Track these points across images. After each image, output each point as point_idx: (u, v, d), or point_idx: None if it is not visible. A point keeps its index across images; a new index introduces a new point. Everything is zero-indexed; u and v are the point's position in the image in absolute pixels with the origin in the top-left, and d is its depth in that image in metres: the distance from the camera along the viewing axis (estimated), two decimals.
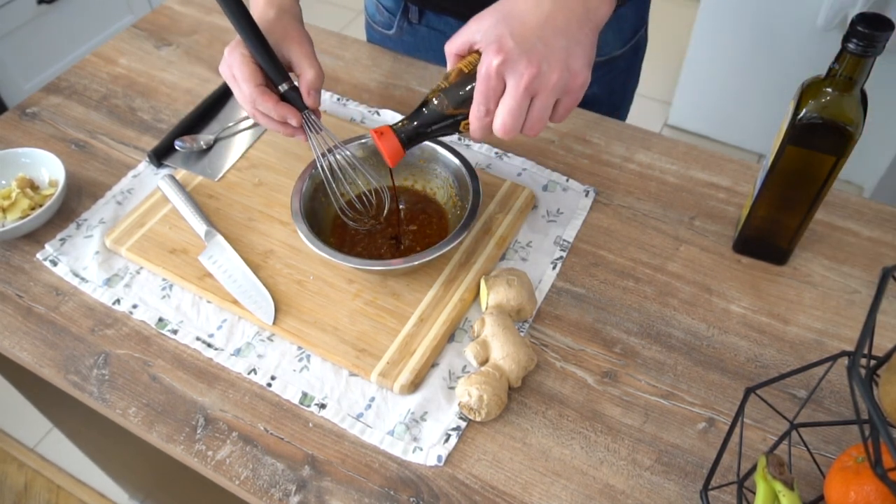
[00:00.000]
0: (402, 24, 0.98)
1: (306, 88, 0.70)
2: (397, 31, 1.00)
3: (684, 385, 0.65)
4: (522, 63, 0.54)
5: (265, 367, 0.67)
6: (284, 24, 0.71)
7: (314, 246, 0.67)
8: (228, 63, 0.69)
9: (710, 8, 1.94)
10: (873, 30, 0.55)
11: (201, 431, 0.64)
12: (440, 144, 0.75)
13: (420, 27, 0.98)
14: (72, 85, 0.97)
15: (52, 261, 0.76)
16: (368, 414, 0.64)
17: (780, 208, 0.69)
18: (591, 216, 0.79)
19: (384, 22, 1.01)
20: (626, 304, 0.71)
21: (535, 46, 0.54)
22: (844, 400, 0.64)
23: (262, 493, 0.60)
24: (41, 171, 0.82)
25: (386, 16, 1.00)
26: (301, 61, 0.70)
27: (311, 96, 0.70)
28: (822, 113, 0.60)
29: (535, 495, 0.59)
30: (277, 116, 0.69)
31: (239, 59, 0.68)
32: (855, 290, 0.72)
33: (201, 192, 0.81)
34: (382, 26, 1.02)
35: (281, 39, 0.70)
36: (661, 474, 0.60)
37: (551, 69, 0.55)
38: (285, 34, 0.71)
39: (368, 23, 1.07)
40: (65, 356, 0.69)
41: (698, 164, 0.84)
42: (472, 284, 0.71)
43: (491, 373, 0.62)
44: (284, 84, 0.70)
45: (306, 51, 0.71)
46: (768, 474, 0.52)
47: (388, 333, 0.68)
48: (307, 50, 0.71)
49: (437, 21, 0.96)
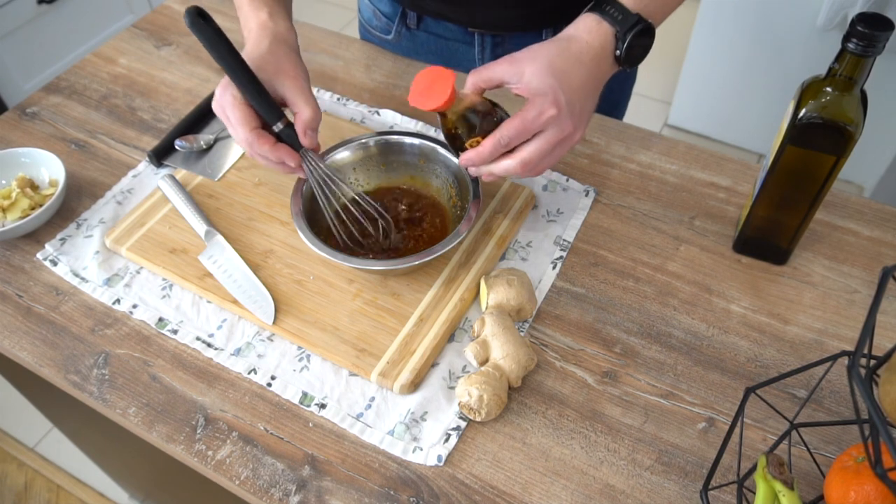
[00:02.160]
0: (401, 30, 0.98)
1: (302, 129, 0.67)
2: (395, 37, 1.00)
3: (684, 385, 0.65)
4: (567, 121, 0.61)
5: (265, 367, 0.67)
6: (278, 57, 0.68)
7: (314, 246, 0.67)
8: (221, 104, 0.66)
9: (710, 8, 1.94)
10: (873, 30, 0.55)
11: (201, 431, 0.64)
12: (440, 145, 0.75)
13: (419, 32, 0.98)
14: (72, 85, 0.97)
15: (52, 260, 0.76)
16: (368, 414, 0.64)
17: (780, 208, 0.69)
18: (591, 216, 0.79)
19: (382, 27, 1.01)
20: (626, 304, 0.71)
21: (575, 107, 0.62)
22: (844, 400, 0.64)
23: (262, 493, 0.60)
24: (41, 171, 0.82)
25: (384, 21, 1.00)
26: (296, 99, 0.67)
27: (307, 136, 0.67)
28: (822, 113, 0.60)
29: (535, 495, 0.59)
30: (275, 159, 0.67)
31: (230, 101, 0.65)
32: (855, 290, 0.72)
33: (201, 192, 0.81)
34: (380, 31, 1.02)
35: (274, 75, 0.67)
36: (661, 474, 0.60)
37: (577, 130, 0.63)
38: (278, 69, 0.67)
39: (364, 27, 1.06)
40: (65, 356, 0.69)
41: (698, 164, 0.84)
42: (472, 284, 0.71)
43: (491, 373, 0.62)
44: (280, 123, 0.67)
45: (300, 86, 0.67)
46: (768, 474, 0.52)
47: (388, 333, 0.68)
48: (301, 85, 0.67)
49: (435, 26, 0.96)
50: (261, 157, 0.67)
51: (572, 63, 0.62)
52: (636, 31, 0.63)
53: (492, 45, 0.94)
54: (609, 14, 0.64)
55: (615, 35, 0.64)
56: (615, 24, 0.63)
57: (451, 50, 0.97)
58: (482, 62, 0.95)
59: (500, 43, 0.93)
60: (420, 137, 0.76)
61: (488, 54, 0.95)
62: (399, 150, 0.77)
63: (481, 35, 0.93)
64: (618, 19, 0.63)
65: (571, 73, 0.61)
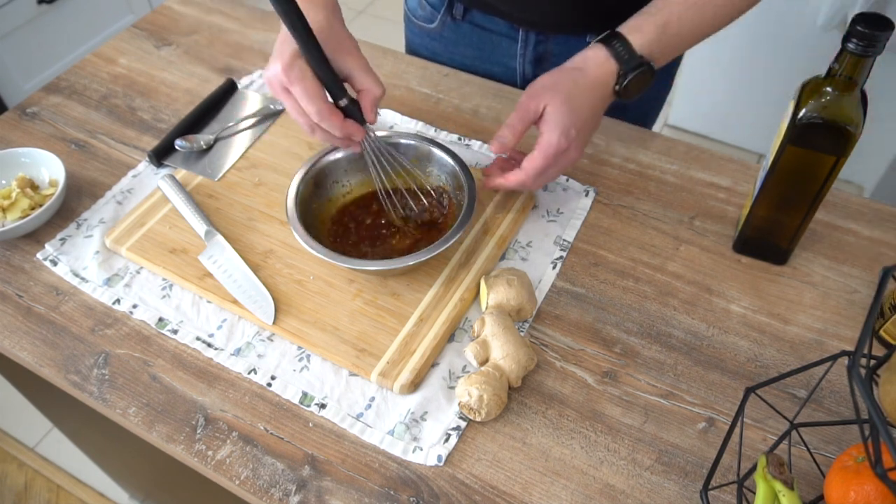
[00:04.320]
0: (445, 20, 0.98)
1: (370, 105, 0.68)
2: (439, 26, 0.99)
3: (684, 385, 0.65)
4: (573, 151, 0.70)
5: (265, 367, 0.67)
6: (336, 31, 0.69)
7: (313, 249, 0.67)
8: (285, 77, 0.65)
9: None
10: (873, 30, 0.55)
11: (201, 431, 0.64)
12: (434, 145, 0.75)
13: (463, 24, 0.97)
14: (72, 85, 0.97)
15: (52, 260, 0.76)
16: (368, 414, 0.64)
17: (780, 208, 0.69)
18: (591, 216, 0.79)
19: (425, 16, 1.00)
20: (626, 303, 0.71)
21: (582, 136, 0.70)
22: (844, 400, 0.64)
23: (262, 493, 0.60)
24: (41, 171, 0.82)
25: (428, 10, 0.99)
26: (362, 76, 0.68)
27: (372, 113, 0.69)
28: (822, 113, 0.60)
29: (535, 495, 0.59)
30: (343, 135, 0.68)
31: (299, 73, 0.64)
32: (855, 290, 0.72)
33: (201, 192, 0.81)
34: (423, 20, 1.01)
35: (336, 50, 0.67)
36: (661, 474, 0.60)
37: (579, 155, 0.71)
38: (339, 44, 0.68)
39: (408, 17, 1.05)
40: (65, 356, 0.69)
41: (698, 164, 0.84)
42: (472, 284, 0.71)
43: (491, 373, 0.62)
44: (344, 99, 0.67)
45: (363, 64, 0.68)
46: (768, 474, 0.52)
47: (388, 333, 0.68)
48: (364, 63, 0.69)
49: (481, 18, 0.95)
50: (327, 131, 0.68)
51: (584, 97, 0.69)
52: (637, 73, 0.69)
53: (535, 43, 0.93)
54: (616, 50, 0.69)
55: (618, 73, 0.69)
56: (620, 63, 0.69)
57: (494, 43, 0.97)
58: (523, 59, 0.96)
59: (544, 41, 0.93)
60: (416, 138, 0.76)
61: (530, 52, 0.94)
62: (396, 150, 0.77)
63: (526, 31, 0.92)
64: (623, 58, 0.69)
65: (584, 107, 0.69)
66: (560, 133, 0.67)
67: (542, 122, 0.69)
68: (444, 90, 0.94)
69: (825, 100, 0.60)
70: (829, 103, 0.60)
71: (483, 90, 0.94)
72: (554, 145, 0.68)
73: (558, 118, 0.68)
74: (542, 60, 0.95)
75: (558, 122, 0.68)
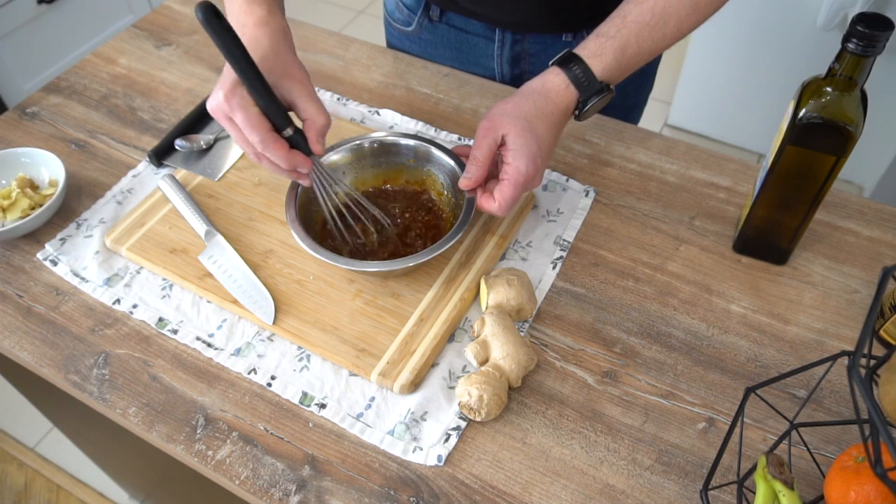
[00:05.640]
0: (423, 22, 0.98)
1: (315, 136, 0.66)
2: (416, 28, 1.00)
3: (684, 385, 0.65)
4: (538, 178, 0.69)
5: (265, 367, 0.67)
6: (282, 58, 0.66)
7: (312, 250, 0.67)
8: (227, 106, 0.62)
9: None
10: (873, 30, 0.55)
11: (201, 431, 0.64)
12: (433, 146, 0.75)
13: (440, 25, 0.97)
14: (72, 85, 0.97)
15: (52, 260, 0.76)
16: (368, 414, 0.64)
17: (780, 208, 0.69)
18: (591, 216, 0.79)
19: (403, 19, 1.01)
20: (626, 303, 0.71)
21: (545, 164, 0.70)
22: (844, 400, 0.64)
23: (262, 493, 0.60)
24: (41, 171, 0.82)
25: (405, 13, 1.00)
26: (306, 105, 0.65)
27: (318, 143, 0.66)
28: (822, 113, 0.60)
29: (535, 495, 0.59)
30: (288, 166, 0.65)
31: (240, 103, 0.62)
32: (855, 290, 0.72)
33: (201, 192, 0.81)
34: (401, 23, 1.02)
35: (281, 77, 0.65)
36: (661, 474, 0.60)
37: (540, 181, 0.70)
38: (284, 71, 0.65)
39: (387, 21, 1.06)
40: (65, 356, 0.69)
41: (698, 164, 0.84)
42: (472, 284, 0.71)
43: (491, 373, 0.62)
44: (289, 129, 0.65)
45: (309, 91, 0.66)
46: (768, 474, 0.52)
47: (388, 333, 0.68)
48: (310, 90, 0.66)
49: (458, 20, 0.96)
50: (272, 162, 0.65)
51: (545, 123, 0.68)
52: (597, 100, 0.69)
53: (511, 43, 0.94)
54: (576, 76, 0.68)
55: (578, 99, 0.69)
56: (581, 90, 0.69)
57: (471, 44, 0.97)
58: (500, 59, 0.96)
59: (520, 41, 0.93)
60: (415, 138, 0.76)
61: (507, 51, 0.95)
62: (395, 150, 0.77)
63: (502, 31, 0.93)
64: (584, 85, 0.68)
65: (546, 134, 0.68)
66: (528, 161, 0.66)
67: (506, 151, 0.67)
68: (444, 90, 0.94)
69: (825, 100, 0.60)
70: (830, 103, 0.60)
71: (483, 90, 0.94)
72: (523, 174, 0.66)
73: (524, 147, 0.66)
74: (519, 60, 0.96)
75: (524, 150, 0.66)
